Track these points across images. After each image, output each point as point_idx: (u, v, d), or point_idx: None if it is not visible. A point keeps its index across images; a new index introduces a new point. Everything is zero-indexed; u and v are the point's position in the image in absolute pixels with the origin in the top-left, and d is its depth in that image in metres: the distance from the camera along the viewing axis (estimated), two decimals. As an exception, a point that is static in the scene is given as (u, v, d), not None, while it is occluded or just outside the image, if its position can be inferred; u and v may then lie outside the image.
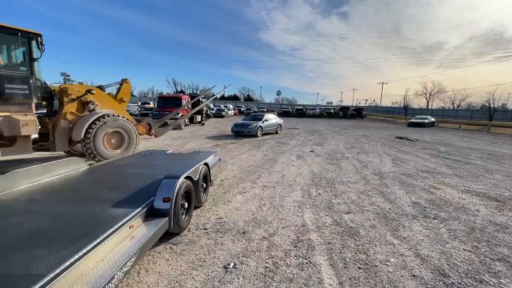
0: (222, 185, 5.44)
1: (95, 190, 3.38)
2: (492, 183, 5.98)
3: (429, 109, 45.80)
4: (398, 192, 5.20)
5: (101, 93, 7.17)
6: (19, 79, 5.35)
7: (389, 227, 3.66)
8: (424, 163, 8.05)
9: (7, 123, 5.11)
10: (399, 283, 2.46)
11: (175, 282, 2.38)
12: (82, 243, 1.94)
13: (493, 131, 23.02)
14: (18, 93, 5.32)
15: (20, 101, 5.40)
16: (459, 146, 12.55)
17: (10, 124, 5.15)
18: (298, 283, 2.42)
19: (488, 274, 2.62)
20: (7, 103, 5.21)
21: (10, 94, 5.19)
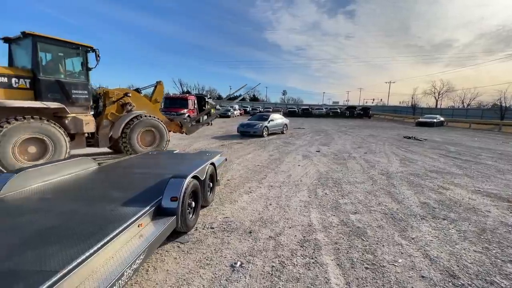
0: (229, 184, 5.47)
1: (105, 189, 3.45)
2: (503, 184, 5.84)
3: (438, 108, 45.02)
4: (406, 192, 5.14)
5: (137, 95, 7.92)
6: (81, 85, 6.43)
7: (397, 227, 3.62)
8: (433, 163, 7.92)
9: (73, 123, 6.18)
10: (408, 284, 2.43)
11: (182, 280, 2.41)
12: (92, 241, 1.99)
13: (505, 131, 22.48)
14: (81, 98, 6.39)
15: (82, 104, 6.46)
16: (469, 145, 12.30)
17: (75, 123, 6.21)
18: (304, 283, 2.42)
19: (499, 275, 2.57)
20: (73, 106, 6.22)
21: (75, 98, 6.26)
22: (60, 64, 6.28)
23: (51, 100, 5.77)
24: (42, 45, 5.79)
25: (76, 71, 6.58)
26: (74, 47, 6.35)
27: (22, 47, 6.01)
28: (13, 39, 6.06)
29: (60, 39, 6.09)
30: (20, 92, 5.47)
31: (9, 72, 5.39)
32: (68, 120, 6.11)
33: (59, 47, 6.15)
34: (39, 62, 5.71)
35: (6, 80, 5.26)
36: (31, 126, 5.30)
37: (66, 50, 6.32)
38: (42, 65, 5.84)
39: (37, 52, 5.67)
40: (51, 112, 5.84)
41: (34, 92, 5.65)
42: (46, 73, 5.84)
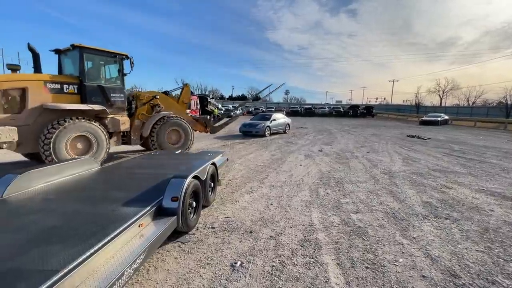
0: (230, 184, 5.49)
1: (106, 189, 3.49)
2: (508, 182, 5.78)
3: (442, 107, 44.60)
4: (409, 191, 5.10)
5: (165, 97, 8.67)
6: (118, 89, 7.26)
7: (399, 227, 3.60)
8: (437, 162, 7.86)
9: (112, 122, 6.96)
10: (408, 283, 2.42)
11: (183, 280, 2.43)
12: (93, 241, 2.01)
13: (511, 129, 22.19)
14: (118, 100, 7.21)
15: (119, 106, 7.25)
16: (474, 144, 12.17)
17: (113, 123, 7.00)
18: (304, 282, 2.42)
19: (501, 275, 2.55)
20: (111, 108, 7.00)
21: (113, 101, 7.07)
22: (100, 71, 7.16)
23: (94, 103, 6.58)
24: (87, 55, 6.60)
25: (114, 77, 7.43)
26: (112, 56, 7.17)
27: (70, 57, 6.90)
28: (63, 50, 6.93)
29: (101, 49, 6.91)
30: (69, 96, 6.28)
31: (60, 80, 6.27)
32: (107, 120, 6.90)
33: (100, 56, 7.00)
34: (84, 70, 6.53)
35: (59, 87, 6.14)
36: (79, 126, 6.11)
37: (106, 59, 7.17)
38: (87, 72, 6.61)
39: (83, 62, 6.49)
40: (94, 113, 6.64)
41: (80, 96, 6.47)
42: (90, 80, 6.65)
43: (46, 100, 5.92)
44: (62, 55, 7.13)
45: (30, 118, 5.78)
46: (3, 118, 5.46)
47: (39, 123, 5.84)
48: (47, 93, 5.97)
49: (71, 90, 6.33)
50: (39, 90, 5.86)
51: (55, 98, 6.05)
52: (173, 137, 8.32)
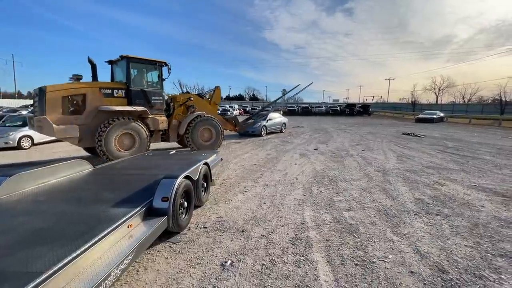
0: (224, 184, 5.49)
1: (98, 191, 3.47)
2: (499, 178, 5.83)
3: (438, 104, 44.91)
4: (401, 188, 5.14)
5: (198, 99, 9.75)
6: (157, 93, 8.23)
7: (390, 223, 3.63)
8: (430, 159, 7.91)
9: (152, 122, 7.96)
10: (396, 279, 2.44)
11: (172, 280, 2.43)
12: (80, 242, 2.01)
13: (505, 125, 22.40)
14: (157, 102, 8.19)
15: (158, 108, 8.23)
16: (468, 141, 12.27)
17: (153, 122, 8.00)
18: (293, 280, 2.44)
19: (488, 270, 2.58)
20: (152, 109, 7.99)
21: (153, 103, 8.05)
22: (143, 77, 8.18)
23: (138, 105, 7.63)
24: (132, 64, 7.69)
25: (154, 82, 8.40)
26: (153, 64, 8.17)
27: (120, 66, 8.01)
28: (114, 61, 8.10)
29: (144, 58, 7.95)
30: (119, 99, 7.41)
31: (111, 86, 7.48)
32: (148, 120, 7.89)
33: (143, 64, 8.04)
34: (130, 77, 7.62)
35: (110, 91, 7.29)
36: (126, 124, 7.16)
37: (148, 66, 8.18)
38: (132, 79, 7.69)
39: (130, 70, 7.60)
40: (138, 114, 7.65)
41: (127, 99, 7.54)
42: (135, 85, 7.73)
43: (101, 103, 7.08)
44: (113, 65, 8.32)
45: (88, 118, 6.93)
46: (69, 118, 6.69)
47: (95, 122, 6.94)
48: (101, 97, 7.13)
49: (120, 94, 7.45)
50: (95, 95, 7.04)
51: (107, 101, 7.20)
52: (205, 135, 9.22)
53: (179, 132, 8.82)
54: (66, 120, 6.62)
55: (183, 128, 8.71)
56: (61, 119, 6.57)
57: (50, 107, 6.45)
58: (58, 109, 6.56)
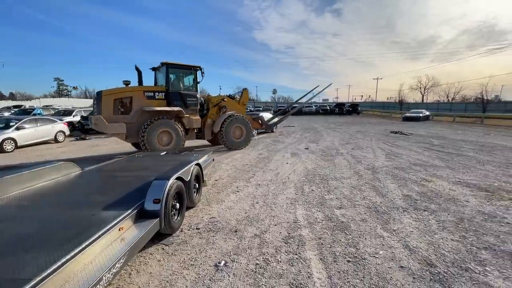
0: (216, 185, 5.47)
1: (87, 194, 3.39)
2: (483, 174, 6.06)
3: (424, 103, 46.12)
4: (390, 186, 5.26)
5: (229, 100, 10.50)
6: (192, 95, 9.17)
7: (380, 220, 3.71)
8: (417, 157, 8.13)
9: (187, 121, 8.93)
10: (387, 274, 2.51)
11: (165, 282, 2.41)
12: (70, 246, 1.96)
13: (487, 123, 23.25)
14: (192, 103, 9.15)
15: (193, 108, 9.20)
16: (453, 138, 12.68)
17: (189, 121, 8.96)
18: (287, 278, 2.46)
19: (474, 262, 2.68)
20: (187, 109, 8.97)
21: (189, 104, 9.03)
22: (180, 81, 9.20)
23: (175, 106, 8.60)
24: (171, 69, 8.73)
25: (189, 85, 9.39)
26: (188, 68, 9.17)
27: (161, 72, 9.05)
28: (156, 67, 9.26)
29: (181, 64, 9.01)
30: (159, 101, 8.42)
31: (153, 89, 8.56)
32: (184, 119, 8.84)
33: (179, 69, 9.09)
34: (169, 81, 8.65)
35: (152, 94, 8.35)
36: (165, 123, 8.17)
37: (184, 71, 9.21)
38: (171, 82, 8.71)
39: (169, 75, 8.63)
40: (175, 114, 8.62)
41: (166, 101, 8.52)
42: (173, 88, 8.77)
43: (144, 104, 8.15)
44: (156, 71, 9.44)
45: (134, 117, 8.01)
46: (118, 117, 7.84)
47: (139, 121, 7.98)
48: (145, 99, 8.21)
49: (160, 97, 8.47)
50: (139, 97, 8.15)
51: (150, 102, 8.26)
52: (236, 133, 9.97)
53: (213, 130, 9.62)
54: (116, 119, 7.78)
55: (218, 126, 9.47)
56: (113, 118, 7.75)
57: (104, 108, 7.69)
58: (110, 109, 7.75)
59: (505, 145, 10.42)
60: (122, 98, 7.99)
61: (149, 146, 7.86)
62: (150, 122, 7.94)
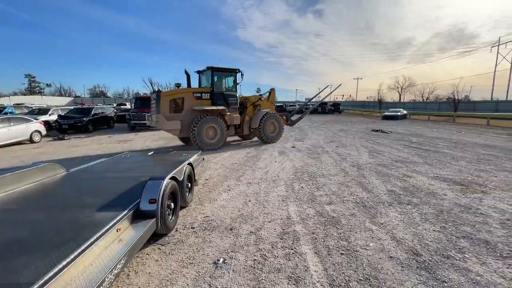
0: (207, 184, 5.47)
1: (76, 195, 3.29)
2: (457, 169, 6.50)
3: (401, 103, 48.16)
4: (375, 181, 5.52)
5: (263, 99, 11.63)
6: (233, 95, 10.35)
7: (368, 214, 3.90)
8: (398, 154, 8.55)
9: (229, 118, 10.09)
10: (378, 264, 2.67)
11: (166, 281, 2.42)
12: (69, 249, 1.92)
13: (458, 121, 24.77)
14: (233, 102, 10.31)
15: (233, 107, 10.32)
16: (429, 136, 13.42)
17: (230, 118, 10.13)
18: (286, 272, 2.55)
19: (454, 250, 2.91)
20: (229, 108, 10.09)
21: (230, 103, 10.20)
22: (222, 82, 10.33)
23: (219, 105, 9.76)
24: (215, 73, 9.93)
25: (230, 86, 10.55)
26: (230, 71, 10.34)
27: (205, 75, 10.43)
28: (201, 71, 10.61)
29: (224, 68, 10.17)
30: (205, 101, 9.64)
31: (200, 91, 9.76)
32: (226, 117, 9.96)
33: (222, 72, 10.21)
34: (214, 83, 9.88)
35: (200, 95, 9.57)
36: (211, 120, 9.35)
37: (226, 74, 10.35)
38: (215, 84, 9.91)
39: (213, 77, 9.88)
40: (219, 112, 9.72)
41: (211, 101, 9.73)
42: (217, 89, 9.94)
43: (194, 104, 9.38)
44: (201, 74, 10.78)
45: (185, 115, 9.22)
46: (173, 115, 9.03)
47: (190, 118, 9.20)
48: (194, 99, 9.44)
49: (206, 97, 9.67)
50: (190, 98, 9.38)
51: (198, 102, 9.49)
52: (271, 128, 11.06)
53: (252, 126, 10.83)
54: (172, 117, 8.97)
55: (257, 122, 10.58)
56: (169, 116, 8.93)
57: (162, 107, 8.83)
58: (167, 108, 8.92)
59: (475, 142, 11.19)
60: (176, 99, 9.17)
61: (198, 140, 9.08)
62: (199, 119, 9.07)
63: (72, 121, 14.72)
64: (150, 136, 14.02)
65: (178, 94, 9.29)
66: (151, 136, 14.01)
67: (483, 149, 9.38)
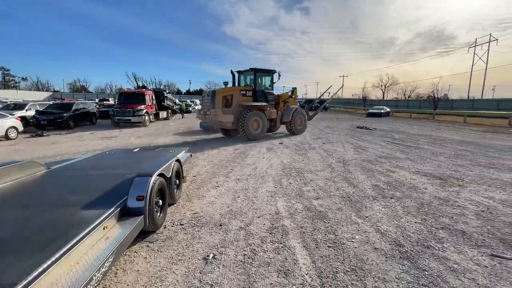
0: (195, 181, 5.42)
1: (59, 193, 3.17)
2: (436, 164, 6.81)
3: (384, 100, 49.62)
4: (360, 177, 5.68)
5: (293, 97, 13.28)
6: (271, 93, 11.84)
7: (354, 208, 4.02)
8: (382, 150, 8.83)
9: (268, 112, 11.51)
10: (364, 256, 2.77)
11: (155, 278, 2.39)
12: (54, 248, 1.87)
13: (437, 119, 25.85)
14: (271, 99, 11.78)
15: (271, 103, 11.79)
16: (410, 133, 13.93)
17: (269, 113, 11.58)
18: (275, 266, 2.59)
19: (434, 240, 3.07)
20: (268, 104, 11.46)
21: (269, 99, 11.59)
22: (262, 82, 11.83)
23: (260, 101, 11.18)
24: (257, 73, 11.40)
25: (268, 84, 12.07)
26: (268, 72, 11.88)
27: (246, 75, 11.85)
28: (242, 71, 11.89)
29: (264, 69, 11.67)
30: (249, 97, 10.99)
31: (245, 89, 11.10)
32: (266, 111, 11.40)
33: (262, 73, 11.68)
34: (256, 82, 11.32)
35: (245, 92, 10.92)
36: (256, 114, 10.75)
37: (265, 74, 11.84)
38: (257, 83, 11.38)
39: (256, 78, 11.34)
40: (261, 107, 11.16)
41: (253, 97, 11.08)
42: (258, 87, 11.38)
43: (241, 100, 10.72)
44: (241, 74, 12.03)
45: (234, 110, 10.51)
46: (225, 110, 10.29)
47: (238, 112, 10.51)
48: (241, 96, 10.79)
49: (249, 94, 11.05)
50: (237, 95, 10.73)
51: (243, 99, 10.83)
52: (298, 121, 12.68)
53: (284, 119, 12.26)
54: (224, 111, 10.26)
55: (289, 117, 12.17)
56: (222, 110, 10.25)
57: (217, 103, 10.20)
58: (220, 104, 10.28)
59: (453, 139, 11.74)
60: (226, 96, 10.49)
61: (246, 130, 10.45)
62: (246, 113, 10.41)
63: (52, 117, 14.06)
64: (135, 132, 13.68)
65: (228, 92, 10.65)
66: (136, 132, 13.67)
67: (460, 145, 9.86)
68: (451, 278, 2.40)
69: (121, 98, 17.72)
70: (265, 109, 11.32)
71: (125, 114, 16.02)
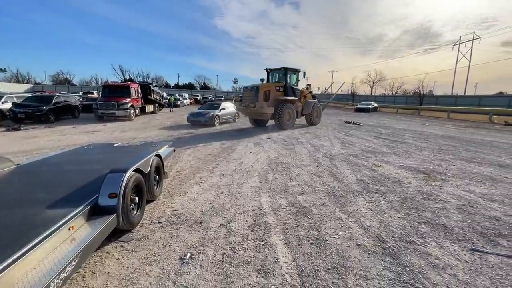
0: (178, 176, 5.25)
1: (26, 191, 2.95)
2: (421, 159, 6.89)
3: (372, 96, 50.25)
4: (346, 171, 5.66)
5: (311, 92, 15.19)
6: (298, 89, 13.79)
7: (338, 203, 3.98)
8: (368, 144, 8.88)
9: (296, 106, 13.31)
10: (346, 253, 2.71)
11: (126, 281, 2.25)
12: (6, 252, 1.69)
13: (423, 114, 26.41)
14: (298, 94, 13.58)
15: (298, 97, 13.46)
16: (397, 128, 14.13)
17: (297, 106, 13.30)
18: (255, 265, 2.49)
19: (416, 235, 3.05)
20: (295, 97, 13.11)
21: (295, 94, 13.33)
22: (290, 79, 13.27)
23: (290, 96, 12.74)
24: (287, 71, 13.05)
25: (294, 82, 13.72)
26: (295, 70, 13.63)
27: (277, 72, 13.67)
28: (273, 69, 13.81)
29: (292, 68, 13.42)
30: (280, 93, 12.60)
31: (278, 85, 12.72)
32: (294, 105, 13.06)
33: (291, 71, 13.34)
34: (286, 79, 13.02)
35: (278, 88, 12.56)
36: (289, 107, 12.59)
37: (292, 72, 13.50)
38: (286, 80, 13.02)
39: (286, 75, 13.03)
40: (291, 101, 12.79)
41: (283, 93, 12.65)
42: (287, 84, 12.98)
43: (276, 95, 12.29)
44: (272, 71, 13.83)
45: (272, 103, 12.12)
46: (264, 103, 11.85)
47: (273, 105, 12.15)
48: (276, 91, 12.36)
49: (281, 90, 12.64)
50: (273, 90, 12.30)
51: (278, 94, 12.43)
52: (315, 114, 14.52)
53: (305, 112, 14.02)
54: (264, 104, 11.83)
55: (309, 109, 14.00)
56: (263, 104, 11.82)
57: (260, 97, 11.80)
58: (262, 98, 11.84)
59: (437, 134, 11.98)
60: (265, 91, 12.08)
61: (282, 121, 12.23)
62: (282, 106, 12.23)
63: (30, 110, 13.39)
64: (119, 126, 13.24)
65: (267, 87, 12.25)
66: (121, 126, 13.23)
67: (444, 140, 10.06)
68: (432, 274, 2.38)
69: (105, 91, 17.09)
70: (295, 102, 13.06)
71: (109, 107, 15.47)
